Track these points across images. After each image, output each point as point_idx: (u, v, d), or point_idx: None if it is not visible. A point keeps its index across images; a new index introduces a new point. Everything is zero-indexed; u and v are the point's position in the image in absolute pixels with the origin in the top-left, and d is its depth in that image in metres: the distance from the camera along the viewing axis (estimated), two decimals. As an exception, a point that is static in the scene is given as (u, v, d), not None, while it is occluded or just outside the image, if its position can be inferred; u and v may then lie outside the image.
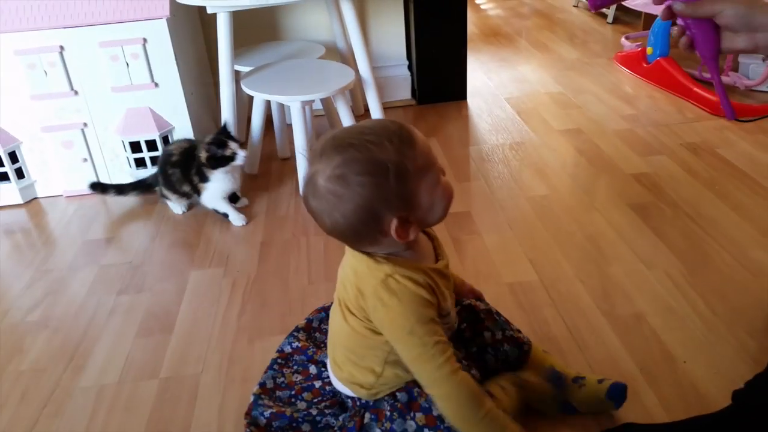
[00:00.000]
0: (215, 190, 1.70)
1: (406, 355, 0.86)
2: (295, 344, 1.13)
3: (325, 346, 1.11)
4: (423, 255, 0.92)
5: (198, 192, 1.72)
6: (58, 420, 1.11)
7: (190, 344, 1.27)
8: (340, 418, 1.01)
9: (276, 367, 1.09)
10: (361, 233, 0.84)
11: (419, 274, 0.87)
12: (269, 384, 1.06)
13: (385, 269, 0.85)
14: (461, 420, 0.86)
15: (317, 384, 1.06)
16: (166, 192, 1.78)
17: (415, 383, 0.92)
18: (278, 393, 1.05)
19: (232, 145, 1.65)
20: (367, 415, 0.95)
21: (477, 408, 0.85)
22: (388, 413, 0.92)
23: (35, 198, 1.93)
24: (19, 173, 1.88)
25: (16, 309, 1.42)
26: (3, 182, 1.86)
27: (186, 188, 1.73)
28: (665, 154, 1.93)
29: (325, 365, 1.08)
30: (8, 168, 1.84)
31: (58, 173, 1.90)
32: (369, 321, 0.88)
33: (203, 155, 1.65)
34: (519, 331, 1.09)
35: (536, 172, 1.88)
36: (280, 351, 1.12)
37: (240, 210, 1.74)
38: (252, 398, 1.03)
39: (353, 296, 0.88)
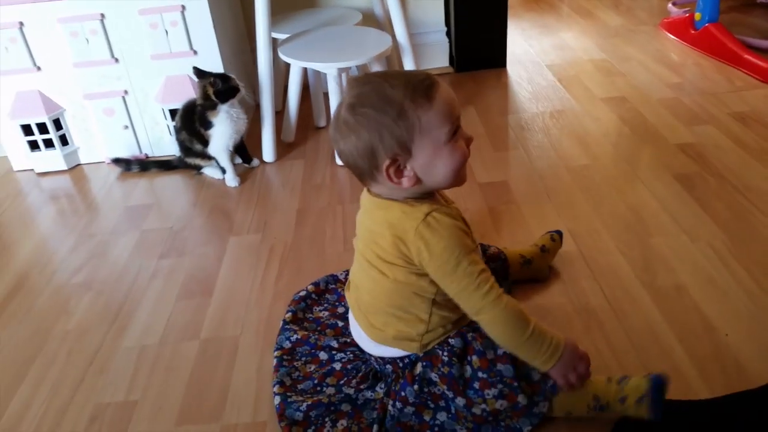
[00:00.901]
0: (220, 134, 1.72)
1: (454, 288, 0.88)
2: (294, 337, 1.13)
3: (321, 332, 1.13)
4: (438, 201, 0.95)
5: (207, 143, 1.74)
6: (103, 377, 1.15)
7: (229, 307, 1.30)
8: (378, 389, 1.01)
9: (285, 363, 1.08)
10: (360, 166, 0.88)
11: (451, 209, 0.91)
12: (287, 381, 1.05)
13: (424, 209, 0.87)
14: (510, 340, 0.89)
15: (337, 366, 1.06)
16: (193, 161, 1.80)
17: (465, 327, 0.95)
18: (300, 387, 1.04)
19: (232, 76, 1.70)
20: (419, 365, 0.96)
21: (524, 328, 0.88)
22: (446, 359, 0.93)
23: (79, 164, 1.97)
24: (63, 140, 1.92)
25: (61, 272, 1.47)
26: (48, 149, 1.91)
27: (198, 146, 1.76)
28: (712, 123, 1.86)
29: (333, 348, 1.09)
30: (53, 135, 1.88)
31: (101, 140, 1.94)
32: (413, 265, 0.89)
33: (210, 91, 1.67)
34: (490, 246, 1.23)
35: (577, 141, 1.84)
36: (280, 348, 1.12)
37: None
38: (279, 399, 1.01)
39: (391, 246, 0.89)
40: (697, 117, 1.91)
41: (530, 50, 2.62)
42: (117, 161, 1.89)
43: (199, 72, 1.68)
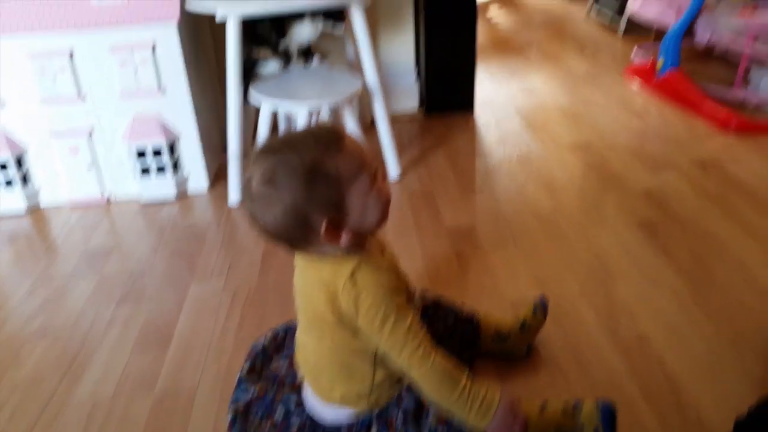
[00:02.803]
0: None
1: (382, 345, 0.87)
2: (251, 391, 1.07)
3: (282, 385, 1.09)
4: (372, 252, 0.92)
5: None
6: (52, 430, 1.10)
7: (187, 357, 1.26)
8: None
9: (238, 421, 1.03)
10: (292, 235, 0.86)
11: (382, 260, 0.90)
12: None
13: (351, 264, 0.86)
14: (440, 398, 0.88)
15: (295, 422, 1.02)
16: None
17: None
18: None
19: None
20: (374, 427, 0.93)
21: (453, 386, 0.87)
22: (400, 424, 0.92)
23: (39, 205, 1.93)
24: (24, 180, 1.88)
25: (16, 317, 1.42)
26: (7, 187, 1.86)
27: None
28: (674, 170, 1.90)
29: (290, 409, 1.04)
30: (14, 174, 1.84)
31: (64, 180, 1.90)
32: (348, 324, 0.88)
33: None
34: (460, 308, 1.17)
35: (543, 186, 1.86)
36: (235, 403, 1.06)
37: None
38: None
39: (325, 304, 0.87)
40: (660, 163, 1.95)
41: (498, 94, 2.66)
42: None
43: None
